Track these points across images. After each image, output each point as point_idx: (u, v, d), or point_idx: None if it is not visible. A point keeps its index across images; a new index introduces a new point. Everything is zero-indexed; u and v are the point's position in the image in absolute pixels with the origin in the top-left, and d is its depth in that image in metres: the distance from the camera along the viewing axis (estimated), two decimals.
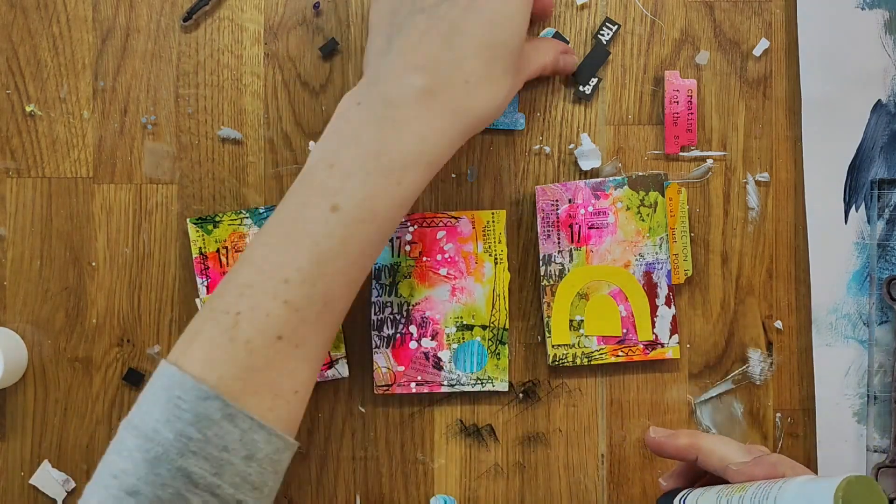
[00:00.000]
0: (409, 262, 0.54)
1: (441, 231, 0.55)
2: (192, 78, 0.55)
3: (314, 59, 0.56)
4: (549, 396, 0.56)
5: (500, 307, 0.54)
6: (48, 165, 0.55)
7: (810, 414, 0.56)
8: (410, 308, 0.54)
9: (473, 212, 0.55)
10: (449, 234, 0.55)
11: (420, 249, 0.54)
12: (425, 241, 0.54)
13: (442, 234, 0.55)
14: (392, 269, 0.54)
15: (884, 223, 0.56)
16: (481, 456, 0.56)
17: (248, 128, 0.56)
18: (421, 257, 0.54)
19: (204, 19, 0.56)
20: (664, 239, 0.54)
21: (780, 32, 0.57)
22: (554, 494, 0.56)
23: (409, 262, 0.54)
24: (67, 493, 0.55)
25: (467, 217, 0.55)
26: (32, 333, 0.55)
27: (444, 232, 0.55)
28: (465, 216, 0.55)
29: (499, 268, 0.55)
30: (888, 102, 0.56)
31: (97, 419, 0.55)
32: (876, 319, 0.56)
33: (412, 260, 0.54)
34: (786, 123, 0.57)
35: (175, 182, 0.55)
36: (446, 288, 0.54)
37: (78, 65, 0.55)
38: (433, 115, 0.44)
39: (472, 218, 0.55)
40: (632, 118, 0.56)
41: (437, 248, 0.55)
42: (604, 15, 0.56)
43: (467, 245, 0.54)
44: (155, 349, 0.55)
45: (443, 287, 0.54)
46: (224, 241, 0.54)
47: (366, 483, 0.55)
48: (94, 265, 0.55)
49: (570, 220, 0.55)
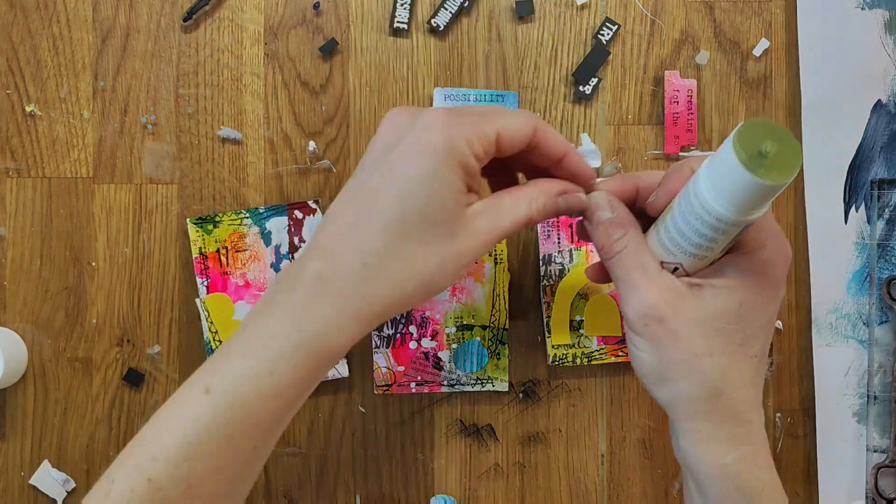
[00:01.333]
0: None
1: None
2: (192, 78, 0.55)
3: (314, 59, 0.56)
4: (549, 396, 0.56)
5: (500, 307, 0.54)
6: (48, 165, 0.55)
7: (810, 414, 0.56)
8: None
9: None
10: None
11: None
12: None
13: None
14: None
15: (884, 223, 0.56)
16: (481, 456, 0.56)
17: (248, 128, 0.56)
18: None
19: (204, 19, 0.56)
20: None
21: (780, 32, 0.57)
22: (554, 494, 0.56)
23: None
24: (67, 493, 0.55)
25: None
26: (32, 333, 0.55)
27: None
28: None
29: (499, 268, 0.55)
30: (888, 102, 0.56)
31: (97, 419, 0.55)
32: (876, 319, 0.56)
33: None
34: (786, 123, 0.57)
35: (175, 182, 0.55)
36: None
37: (78, 65, 0.55)
38: (319, 302, 0.39)
39: None
40: (632, 118, 0.56)
41: None
42: (604, 15, 0.56)
43: None
44: (155, 349, 0.55)
45: None
46: (224, 241, 0.54)
47: (366, 483, 0.55)
48: (94, 265, 0.55)
49: (570, 220, 0.55)
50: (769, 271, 0.40)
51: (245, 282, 0.54)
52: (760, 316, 0.40)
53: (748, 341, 0.40)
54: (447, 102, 0.55)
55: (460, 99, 0.55)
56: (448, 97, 0.55)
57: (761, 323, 0.41)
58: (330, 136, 0.56)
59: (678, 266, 0.40)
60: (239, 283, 0.54)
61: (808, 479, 0.56)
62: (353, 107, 0.56)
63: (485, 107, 0.44)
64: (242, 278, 0.54)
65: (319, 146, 0.56)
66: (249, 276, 0.54)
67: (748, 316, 0.40)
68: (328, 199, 0.55)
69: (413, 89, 0.56)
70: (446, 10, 0.55)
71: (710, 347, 0.40)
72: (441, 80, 0.56)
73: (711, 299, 0.40)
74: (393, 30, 0.56)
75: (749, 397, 0.41)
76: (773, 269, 0.40)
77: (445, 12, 0.55)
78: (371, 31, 0.56)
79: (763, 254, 0.40)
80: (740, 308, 0.40)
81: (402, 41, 0.56)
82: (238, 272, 0.54)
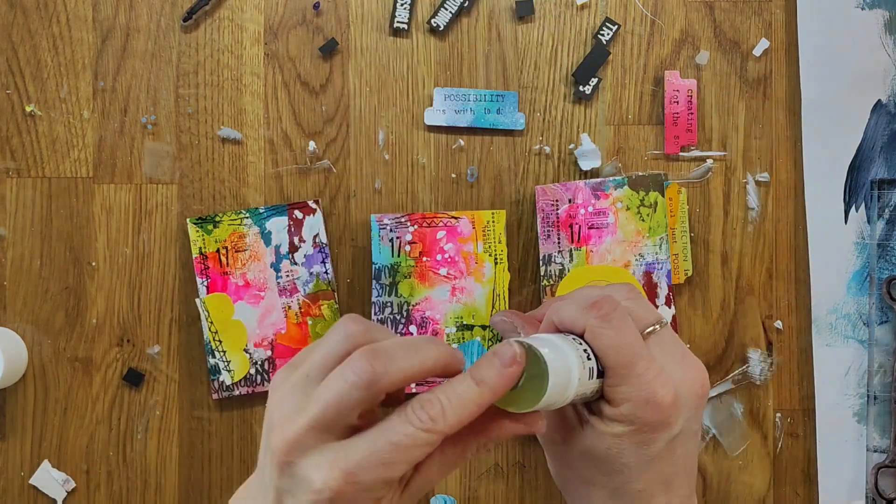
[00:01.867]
0: (409, 262, 0.54)
1: (441, 231, 0.55)
2: (192, 78, 0.55)
3: (314, 59, 0.56)
4: None
5: (500, 307, 0.54)
6: (48, 165, 0.55)
7: (810, 414, 0.56)
8: (410, 308, 0.54)
9: (473, 212, 0.55)
10: (449, 234, 0.55)
11: (420, 249, 0.54)
12: (425, 241, 0.54)
13: (442, 234, 0.55)
14: (392, 269, 0.54)
15: (884, 223, 0.56)
16: (481, 456, 0.56)
17: (248, 128, 0.56)
18: (421, 257, 0.54)
19: (204, 19, 0.56)
20: (664, 239, 0.54)
21: (780, 32, 0.57)
22: (554, 494, 0.56)
23: (409, 262, 0.54)
24: (67, 493, 0.55)
25: (467, 217, 0.55)
26: (32, 333, 0.55)
27: (444, 232, 0.55)
28: (465, 216, 0.55)
29: (499, 268, 0.55)
30: (888, 102, 0.56)
31: (97, 419, 0.55)
32: (876, 319, 0.56)
33: (412, 260, 0.54)
34: (786, 123, 0.57)
35: (175, 182, 0.55)
36: (446, 288, 0.54)
37: (78, 65, 0.55)
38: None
39: (472, 218, 0.55)
40: (632, 118, 0.56)
41: (437, 248, 0.55)
42: (604, 15, 0.56)
43: (467, 245, 0.54)
44: (155, 349, 0.55)
45: (443, 287, 0.54)
46: (224, 241, 0.54)
47: None
48: (94, 265, 0.55)
49: (570, 220, 0.55)
50: (636, 421, 0.39)
51: (245, 282, 0.54)
52: (631, 456, 0.40)
53: (630, 477, 0.40)
54: (447, 102, 0.55)
55: (460, 99, 0.55)
56: (448, 97, 0.55)
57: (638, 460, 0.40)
58: (330, 136, 0.56)
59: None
60: (239, 283, 0.54)
61: (808, 479, 0.56)
62: (353, 107, 0.56)
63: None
64: (242, 278, 0.54)
65: (319, 146, 0.56)
66: (249, 276, 0.54)
67: (617, 458, 0.40)
68: (328, 199, 0.55)
69: (413, 89, 0.56)
70: (446, 10, 0.55)
71: (593, 478, 0.41)
72: (441, 80, 0.56)
73: (589, 436, 0.40)
74: (393, 30, 0.56)
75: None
76: (640, 419, 0.39)
77: (445, 12, 0.55)
78: (371, 31, 0.56)
79: (625, 407, 0.39)
80: (608, 451, 0.40)
81: (402, 41, 0.56)
82: (238, 272, 0.54)
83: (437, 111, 0.56)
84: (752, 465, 0.56)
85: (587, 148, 0.55)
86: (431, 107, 0.56)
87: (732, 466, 0.56)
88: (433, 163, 0.56)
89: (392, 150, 0.56)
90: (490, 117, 0.56)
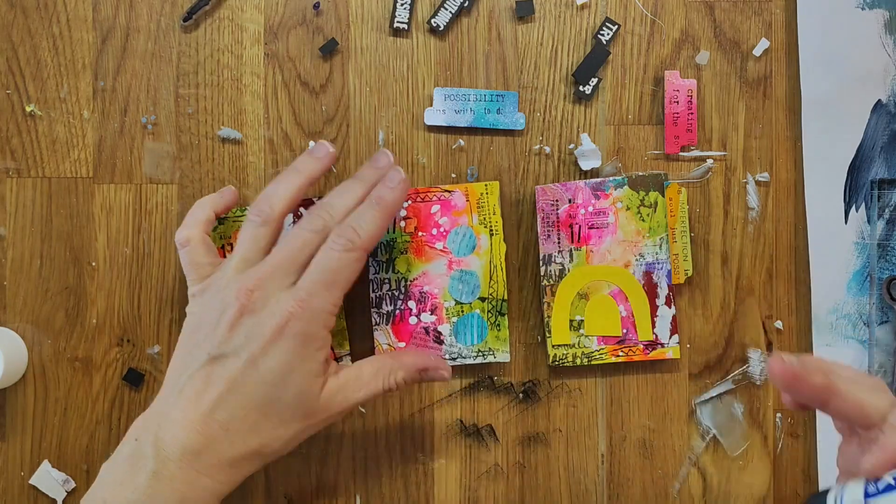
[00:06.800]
0: (404, 238, 0.54)
1: (435, 205, 0.54)
2: (192, 78, 0.55)
3: (314, 59, 0.56)
4: (549, 396, 0.56)
5: (497, 278, 0.54)
6: (48, 165, 0.55)
7: (810, 414, 0.56)
8: (408, 283, 0.54)
9: (466, 184, 0.55)
10: (443, 208, 0.54)
11: (415, 224, 0.54)
12: (420, 216, 0.54)
13: (436, 209, 0.54)
14: (388, 245, 0.54)
15: (884, 223, 0.56)
16: (481, 456, 0.56)
17: (248, 128, 0.56)
18: (416, 232, 0.54)
19: (204, 19, 0.56)
20: (664, 239, 0.54)
21: (780, 32, 0.57)
22: (554, 494, 0.56)
23: (404, 237, 0.54)
24: (67, 493, 0.55)
25: (461, 190, 0.54)
26: (32, 333, 0.55)
27: (439, 206, 0.54)
28: (459, 189, 0.54)
29: (494, 239, 0.54)
30: (888, 102, 0.56)
31: (97, 419, 0.55)
32: (876, 319, 0.56)
33: (407, 235, 0.54)
34: (786, 123, 0.57)
35: (175, 182, 0.55)
36: (443, 262, 0.54)
37: (78, 65, 0.55)
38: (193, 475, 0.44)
39: (466, 191, 0.54)
40: (632, 118, 0.56)
41: (432, 223, 0.54)
42: (604, 15, 0.56)
43: (462, 218, 0.54)
44: (155, 349, 0.55)
45: (439, 261, 0.54)
46: (230, 238, 0.54)
47: (366, 483, 0.55)
48: (94, 265, 0.55)
49: (570, 220, 0.55)
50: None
51: None
52: None
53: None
54: (447, 102, 0.55)
55: (460, 99, 0.55)
56: (448, 97, 0.55)
57: None
58: (330, 136, 0.56)
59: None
60: None
61: (808, 479, 0.56)
62: (353, 107, 0.56)
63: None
64: None
65: None
66: None
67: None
68: None
69: (413, 89, 0.56)
70: (446, 9, 0.55)
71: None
72: (441, 79, 0.56)
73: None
74: (393, 30, 0.56)
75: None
76: None
77: (445, 12, 0.55)
78: (371, 30, 0.56)
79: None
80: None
81: (402, 41, 0.56)
82: None
83: (437, 111, 0.56)
84: (752, 465, 0.56)
85: (587, 148, 0.55)
86: (431, 107, 0.56)
87: (732, 466, 0.56)
88: (433, 163, 0.56)
89: (392, 150, 0.56)
90: (490, 117, 0.56)
